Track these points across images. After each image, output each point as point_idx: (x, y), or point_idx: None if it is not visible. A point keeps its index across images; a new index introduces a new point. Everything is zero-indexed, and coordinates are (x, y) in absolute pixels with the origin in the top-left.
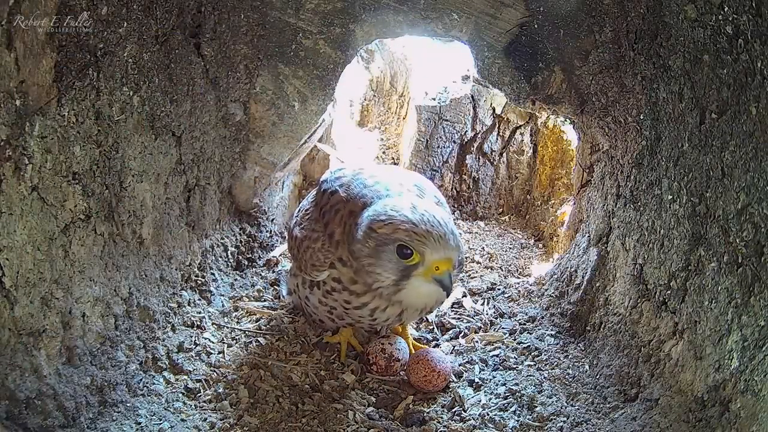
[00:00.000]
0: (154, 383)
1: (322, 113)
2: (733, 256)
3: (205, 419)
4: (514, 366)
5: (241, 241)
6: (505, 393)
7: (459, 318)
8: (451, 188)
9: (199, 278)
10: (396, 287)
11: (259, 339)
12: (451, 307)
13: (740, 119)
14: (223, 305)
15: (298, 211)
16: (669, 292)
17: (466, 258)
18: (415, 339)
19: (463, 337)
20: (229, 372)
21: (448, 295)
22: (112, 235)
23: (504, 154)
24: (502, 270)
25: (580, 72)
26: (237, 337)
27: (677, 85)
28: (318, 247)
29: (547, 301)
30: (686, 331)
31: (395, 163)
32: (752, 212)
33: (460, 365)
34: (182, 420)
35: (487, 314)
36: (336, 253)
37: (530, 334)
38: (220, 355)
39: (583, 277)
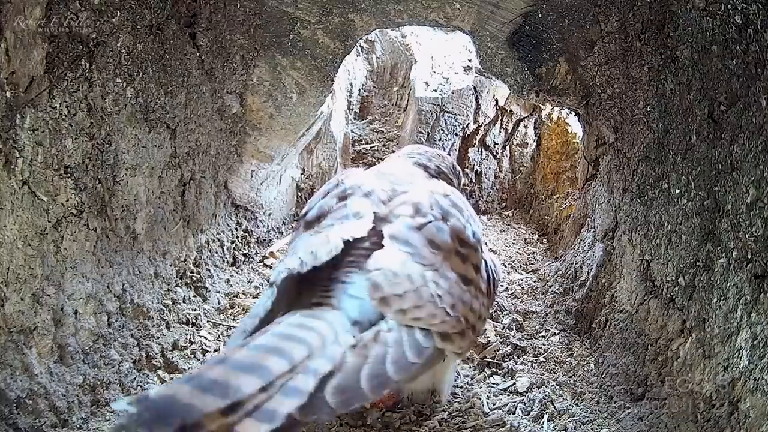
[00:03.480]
0: (148, 382)
1: (321, 105)
2: (742, 252)
3: None
4: (518, 364)
5: (237, 237)
6: (508, 392)
7: None
8: None
9: (195, 274)
10: None
11: None
12: None
13: (750, 111)
14: (218, 302)
15: None
16: (677, 289)
17: None
18: None
19: None
20: None
21: None
22: (104, 231)
23: (507, 147)
24: (505, 266)
25: (586, 63)
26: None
27: (685, 76)
28: None
29: (552, 298)
30: (694, 329)
31: None
32: (762, 207)
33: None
34: None
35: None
36: None
37: (534, 331)
38: (216, 353)
39: (588, 274)
